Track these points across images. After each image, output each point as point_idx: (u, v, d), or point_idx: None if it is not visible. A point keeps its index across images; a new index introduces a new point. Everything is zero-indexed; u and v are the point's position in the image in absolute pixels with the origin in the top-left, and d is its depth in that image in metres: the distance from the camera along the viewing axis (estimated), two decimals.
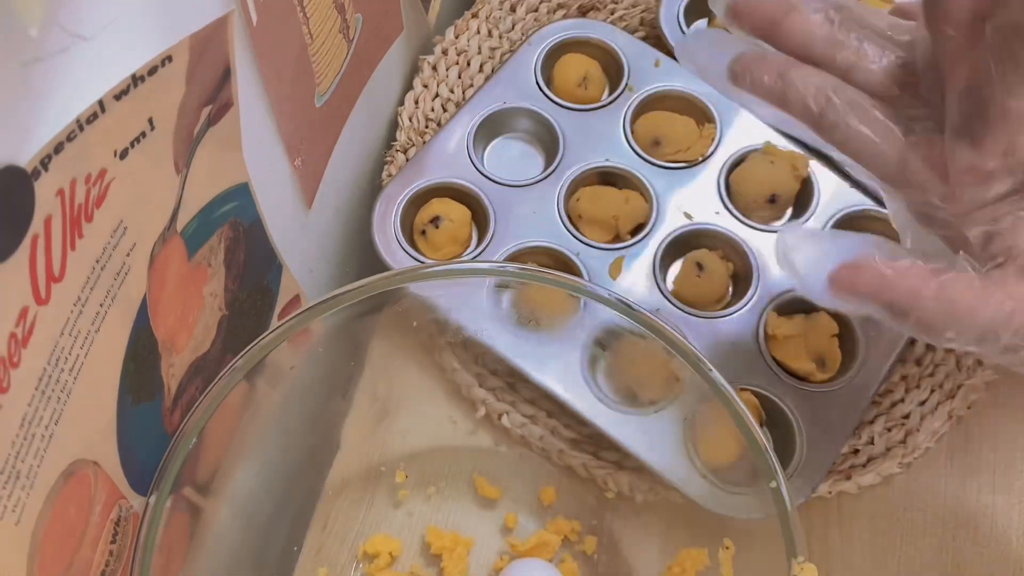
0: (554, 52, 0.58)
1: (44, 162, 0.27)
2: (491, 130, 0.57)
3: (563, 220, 0.54)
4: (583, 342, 0.49)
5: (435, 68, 0.60)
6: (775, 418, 0.49)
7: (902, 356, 0.52)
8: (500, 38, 0.61)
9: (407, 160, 0.56)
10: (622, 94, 0.57)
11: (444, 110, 0.59)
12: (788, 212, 0.55)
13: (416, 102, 0.59)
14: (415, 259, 0.52)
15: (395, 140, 0.58)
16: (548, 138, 0.56)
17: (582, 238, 0.53)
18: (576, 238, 0.53)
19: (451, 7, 0.63)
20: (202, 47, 0.33)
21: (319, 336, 0.46)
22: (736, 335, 0.51)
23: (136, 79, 0.30)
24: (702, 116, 0.56)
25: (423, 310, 0.49)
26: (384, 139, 0.59)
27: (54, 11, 0.26)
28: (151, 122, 0.32)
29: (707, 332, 0.51)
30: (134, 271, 0.34)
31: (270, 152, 0.43)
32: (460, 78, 0.60)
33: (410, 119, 0.58)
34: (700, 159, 0.55)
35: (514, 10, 0.62)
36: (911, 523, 0.51)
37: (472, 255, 0.53)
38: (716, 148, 0.55)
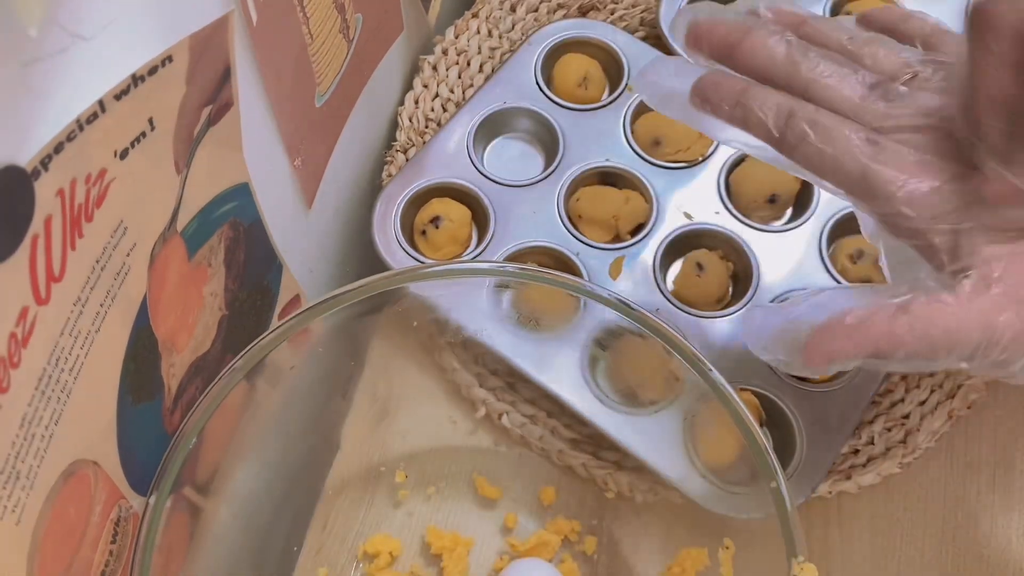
0: (554, 52, 0.58)
1: (44, 162, 0.27)
2: (491, 130, 0.57)
3: (563, 220, 0.54)
4: (583, 342, 0.49)
5: (435, 68, 0.60)
6: (775, 418, 0.49)
7: None
8: (500, 38, 0.61)
9: (407, 160, 0.56)
10: (622, 94, 0.57)
11: (444, 110, 0.59)
12: (788, 212, 0.55)
13: (416, 102, 0.59)
14: (415, 259, 0.52)
15: (395, 140, 0.58)
16: (548, 138, 0.56)
17: (582, 238, 0.53)
18: (576, 238, 0.53)
19: (451, 7, 0.63)
20: (202, 47, 0.33)
21: (319, 336, 0.46)
22: (736, 335, 0.51)
23: (136, 79, 0.30)
24: None
25: (423, 310, 0.49)
26: (384, 139, 0.59)
27: (54, 11, 0.26)
28: (151, 122, 0.32)
29: (707, 332, 0.51)
30: (134, 271, 0.34)
31: (270, 152, 0.43)
32: (460, 78, 0.60)
33: (410, 119, 0.58)
34: (700, 159, 0.55)
35: (514, 10, 0.62)
36: (911, 523, 0.51)
37: (472, 255, 0.53)
38: (716, 148, 0.55)
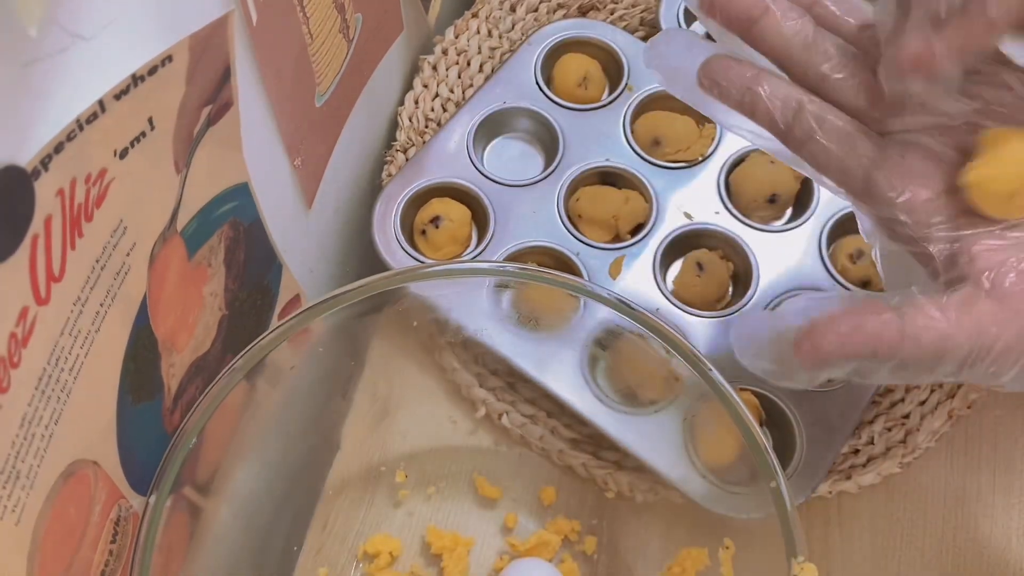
0: (554, 52, 0.58)
1: (44, 162, 0.27)
2: (491, 130, 0.57)
3: (563, 220, 0.54)
4: (583, 342, 0.49)
5: (435, 68, 0.60)
6: (775, 418, 0.49)
7: None
8: (500, 38, 0.61)
9: (407, 160, 0.56)
10: (622, 94, 0.57)
11: (444, 110, 0.59)
12: (788, 212, 0.55)
13: (416, 102, 0.59)
14: (415, 259, 0.52)
15: (395, 140, 0.57)
16: (548, 138, 0.56)
17: (582, 238, 0.53)
18: (576, 238, 0.53)
19: (451, 7, 0.63)
20: (202, 47, 0.33)
21: (319, 336, 0.46)
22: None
23: (136, 79, 0.30)
24: (702, 116, 0.56)
25: (423, 310, 0.49)
26: (384, 139, 0.59)
27: (54, 11, 0.26)
28: (151, 122, 0.32)
29: (707, 332, 0.51)
30: (134, 271, 0.34)
31: (270, 152, 0.43)
32: (460, 78, 0.60)
33: (410, 119, 0.58)
34: (700, 159, 0.55)
35: (514, 10, 0.62)
36: (911, 523, 0.51)
37: (472, 255, 0.53)
38: (716, 148, 0.55)
